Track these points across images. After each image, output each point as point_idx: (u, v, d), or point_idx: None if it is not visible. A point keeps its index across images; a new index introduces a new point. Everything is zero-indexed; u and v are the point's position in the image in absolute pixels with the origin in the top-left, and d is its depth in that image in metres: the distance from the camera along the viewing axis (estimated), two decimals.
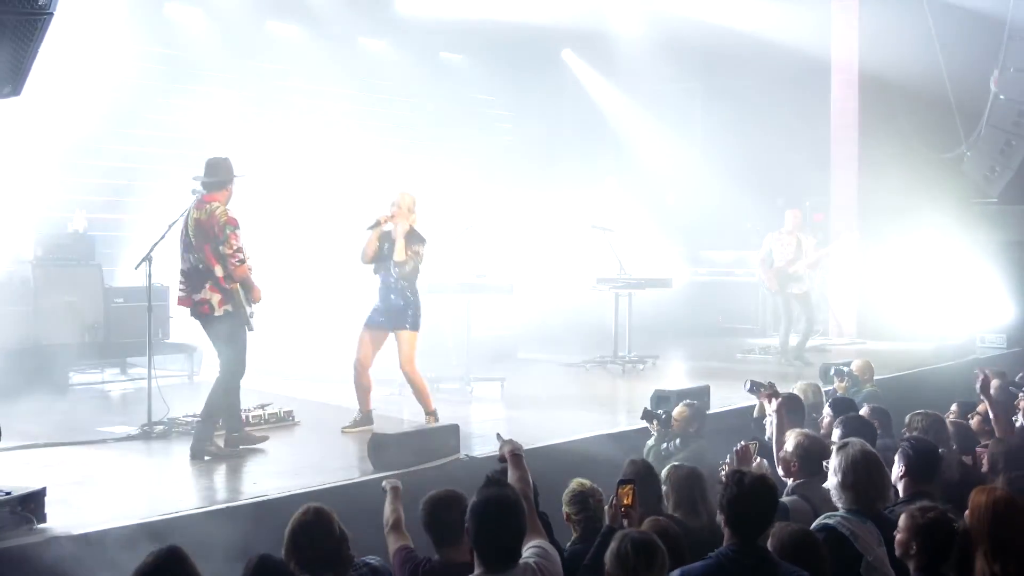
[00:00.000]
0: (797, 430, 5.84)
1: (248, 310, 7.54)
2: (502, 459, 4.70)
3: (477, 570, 3.98)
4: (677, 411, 7.23)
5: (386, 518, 4.93)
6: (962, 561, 4.14)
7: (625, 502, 4.44)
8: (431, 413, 8.44)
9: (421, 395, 8.54)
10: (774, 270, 12.93)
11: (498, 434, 4.87)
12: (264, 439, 7.76)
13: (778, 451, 5.86)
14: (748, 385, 7.45)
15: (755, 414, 7.51)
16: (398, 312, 8.36)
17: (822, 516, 4.85)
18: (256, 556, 4.06)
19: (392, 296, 8.37)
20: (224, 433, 7.63)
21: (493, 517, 3.96)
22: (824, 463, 5.23)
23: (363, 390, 8.46)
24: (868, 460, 4.82)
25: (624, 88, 17.22)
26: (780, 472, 5.68)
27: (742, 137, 16.04)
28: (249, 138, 11.87)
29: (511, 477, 4.50)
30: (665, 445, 7.12)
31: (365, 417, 8.41)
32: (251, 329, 7.59)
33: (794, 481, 5.49)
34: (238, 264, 7.42)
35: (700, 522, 5.18)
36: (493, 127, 17.45)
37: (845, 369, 8.94)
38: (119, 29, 11.39)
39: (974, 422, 7.41)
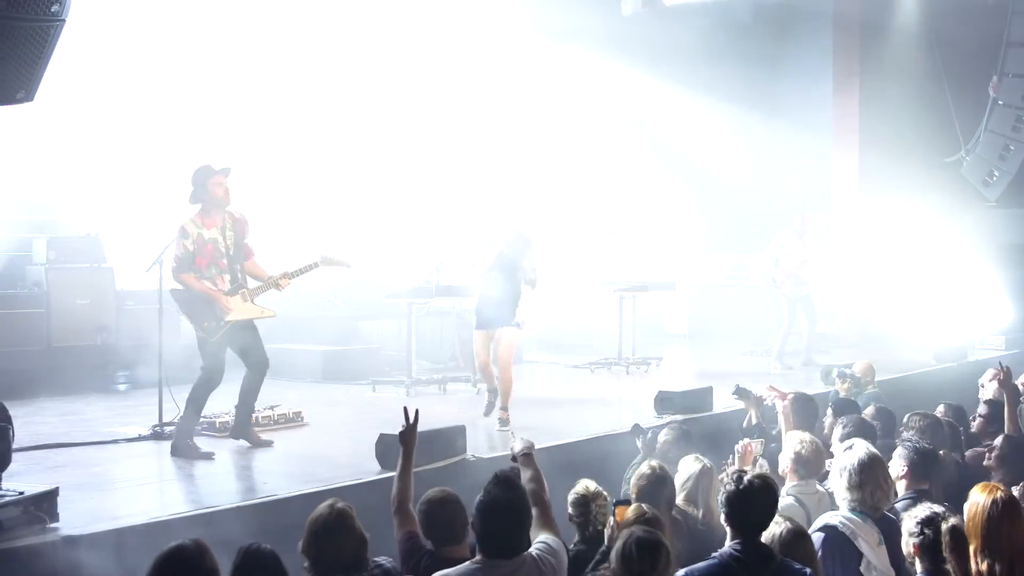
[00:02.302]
0: (796, 433, 5.89)
1: (206, 323, 7.50)
2: (514, 459, 4.74)
3: (478, 557, 4.05)
4: (662, 434, 6.93)
5: (393, 495, 4.85)
6: (956, 558, 4.19)
7: (619, 520, 4.52)
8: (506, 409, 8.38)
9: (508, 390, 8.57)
10: (786, 271, 12.78)
11: (512, 432, 4.80)
12: (268, 443, 7.81)
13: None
14: (736, 390, 7.51)
15: (744, 424, 7.45)
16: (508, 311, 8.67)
17: (824, 515, 4.91)
18: (245, 546, 3.97)
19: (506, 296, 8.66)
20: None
21: (500, 518, 4.04)
22: (827, 462, 5.30)
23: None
24: (874, 462, 4.88)
25: (624, 87, 17.23)
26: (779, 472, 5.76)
27: (745, 141, 16.11)
28: (262, 133, 11.87)
29: (524, 476, 4.54)
30: None
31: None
32: (210, 337, 7.54)
33: (788, 483, 5.55)
34: (173, 271, 7.52)
35: (696, 512, 5.36)
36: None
37: (848, 371, 8.87)
38: (124, 28, 11.40)
39: (975, 423, 7.46)
